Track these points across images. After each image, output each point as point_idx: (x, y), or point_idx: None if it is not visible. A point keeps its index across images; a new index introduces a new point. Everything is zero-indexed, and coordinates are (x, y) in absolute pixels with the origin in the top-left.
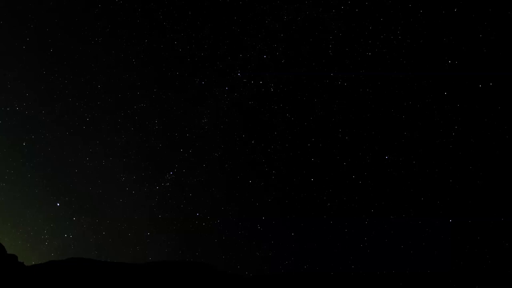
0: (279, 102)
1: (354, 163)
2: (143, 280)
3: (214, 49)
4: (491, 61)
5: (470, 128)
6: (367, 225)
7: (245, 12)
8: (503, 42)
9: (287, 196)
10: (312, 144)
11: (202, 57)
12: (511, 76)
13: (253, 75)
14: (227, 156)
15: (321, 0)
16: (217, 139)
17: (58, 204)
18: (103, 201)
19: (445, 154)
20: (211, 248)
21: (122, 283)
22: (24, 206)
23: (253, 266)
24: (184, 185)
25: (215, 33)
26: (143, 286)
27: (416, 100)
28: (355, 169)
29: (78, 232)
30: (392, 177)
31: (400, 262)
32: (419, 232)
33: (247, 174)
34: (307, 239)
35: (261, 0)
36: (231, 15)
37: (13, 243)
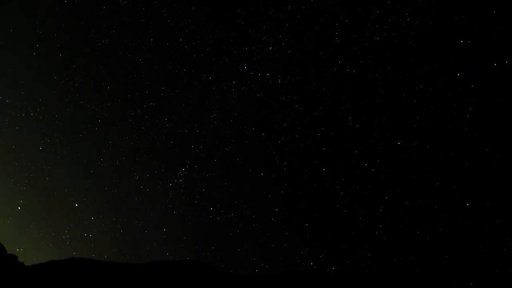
0: (287, 93)
1: (365, 151)
2: (143, 280)
3: (219, 43)
4: (506, 39)
5: (486, 110)
6: (381, 213)
7: (248, 4)
8: None
9: (299, 187)
10: (322, 133)
11: (207, 52)
12: None
13: (259, 67)
14: (237, 150)
15: None
16: (227, 134)
17: (76, 205)
18: (118, 200)
19: (459, 138)
20: (226, 242)
21: (122, 283)
22: (45, 208)
23: (268, 257)
24: (196, 181)
25: (219, 28)
26: (143, 286)
27: (427, 84)
28: (367, 157)
29: (97, 231)
30: (405, 163)
31: (416, 249)
32: (435, 218)
33: (259, 167)
34: (321, 229)
35: None
36: (234, 8)
37: (37, 244)
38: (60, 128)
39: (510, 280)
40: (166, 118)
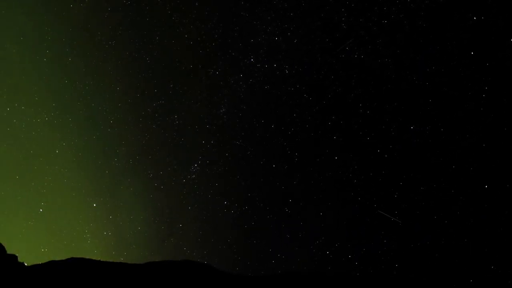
0: (295, 83)
1: (378, 137)
2: (143, 280)
3: (225, 37)
4: None
5: (502, 88)
6: (397, 199)
7: None
8: None
9: (312, 177)
10: (332, 122)
11: (213, 47)
12: None
13: (266, 59)
14: (248, 143)
15: None
16: (237, 127)
17: (94, 205)
18: (134, 198)
19: (475, 119)
20: (241, 235)
21: (122, 283)
22: (65, 209)
23: (285, 248)
24: (209, 176)
25: (223, 21)
26: (143, 286)
27: (440, 65)
28: (380, 143)
29: (115, 229)
30: (419, 148)
31: (433, 234)
32: (452, 202)
33: (270, 158)
34: (336, 218)
35: None
36: (237, 1)
37: (60, 244)
38: (75, 131)
39: None
40: (176, 115)
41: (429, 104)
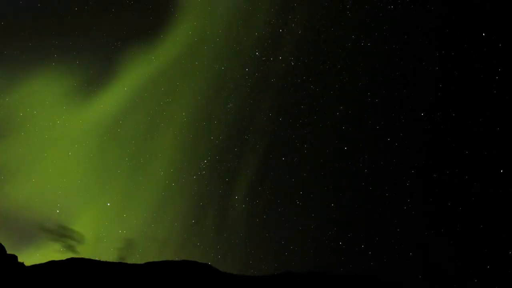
0: (302, 75)
1: (387, 126)
2: (143, 280)
3: (229, 32)
4: None
5: None
6: (409, 187)
7: None
8: None
9: (322, 168)
10: (340, 112)
11: (217, 42)
12: None
13: (271, 52)
14: (257, 137)
15: None
16: (244, 122)
17: (108, 204)
18: (147, 196)
19: (487, 102)
20: (253, 228)
21: (122, 283)
22: (80, 210)
23: (295, 240)
24: (219, 171)
25: (227, 16)
26: (143, 286)
27: (449, 48)
28: (389, 132)
29: (130, 227)
30: (430, 135)
31: (445, 222)
32: (466, 188)
33: (279, 151)
34: (348, 208)
35: None
36: None
37: (77, 243)
38: (86, 133)
39: None
40: (183, 112)
41: (439, 90)
